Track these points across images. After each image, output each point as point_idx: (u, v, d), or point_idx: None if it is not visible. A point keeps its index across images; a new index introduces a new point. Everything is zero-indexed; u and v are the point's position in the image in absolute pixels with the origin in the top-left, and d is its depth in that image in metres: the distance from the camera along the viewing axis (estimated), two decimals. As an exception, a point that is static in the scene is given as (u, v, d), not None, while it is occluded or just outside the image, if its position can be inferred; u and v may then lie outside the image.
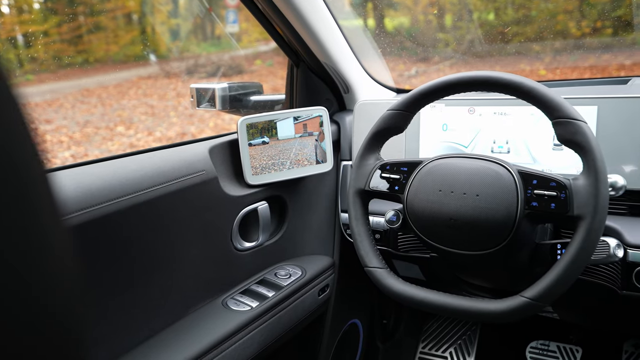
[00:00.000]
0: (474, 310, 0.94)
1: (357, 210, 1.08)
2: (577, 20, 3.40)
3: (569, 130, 0.90)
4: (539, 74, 3.49)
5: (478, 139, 1.23)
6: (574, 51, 3.53)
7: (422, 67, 4.02)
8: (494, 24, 3.60)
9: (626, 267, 1.03)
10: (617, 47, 3.04)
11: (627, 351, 1.56)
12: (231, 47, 5.01)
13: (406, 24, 4.01)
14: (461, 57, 3.68)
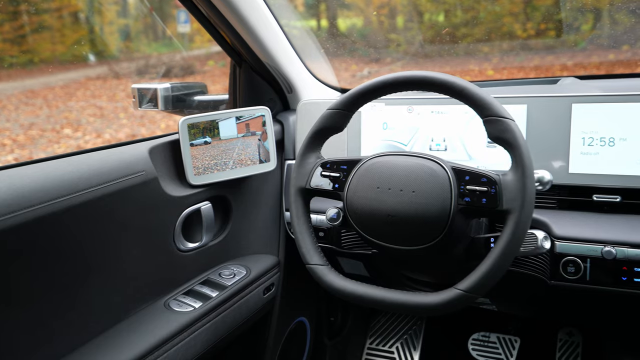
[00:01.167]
0: (411, 303, 0.98)
1: (298, 209, 1.10)
2: (522, 22, 3.54)
3: (498, 128, 0.95)
4: (487, 74, 3.61)
5: (417, 137, 1.28)
6: (520, 52, 3.66)
7: (374, 68, 4.08)
8: (444, 26, 3.70)
9: (554, 258, 1.09)
10: (560, 49, 3.18)
11: (562, 339, 1.65)
12: (183, 47, 4.96)
13: (359, 24, 4.07)
14: (412, 58, 3.76)
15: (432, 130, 1.26)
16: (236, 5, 1.18)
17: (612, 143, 1.11)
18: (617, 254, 1.04)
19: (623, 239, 1.05)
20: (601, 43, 3.20)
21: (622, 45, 2.88)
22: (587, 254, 1.06)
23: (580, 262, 1.07)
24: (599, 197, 1.13)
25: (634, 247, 1.03)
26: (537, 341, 1.68)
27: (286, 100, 1.46)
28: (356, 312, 1.79)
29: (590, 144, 1.13)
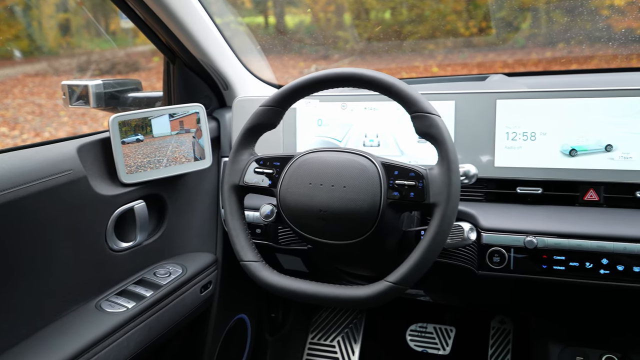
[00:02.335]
0: (343, 297, 1.00)
1: (232, 206, 1.11)
2: (465, 21, 3.63)
3: (424, 124, 0.99)
4: (432, 70, 3.70)
5: (351, 133, 1.31)
6: (464, 49, 3.76)
7: (322, 65, 4.12)
8: (390, 23, 3.76)
9: (481, 249, 1.14)
10: (501, 46, 3.29)
11: (494, 327, 1.73)
12: (127, 43, 4.85)
13: (307, 21, 4.09)
14: (360, 55, 3.81)
15: (366, 126, 1.30)
16: (166, 2, 1.18)
17: (534, 137, 1.18)
18: (538, 244, 1.10)
19: (543, 229, 1.11)
20: (539, 41, 3.33)
21: (558, 43, 3.01)
22: (510, 244, 1.12)
23: (505, 252, 1.12)
24: (522, 189, 1.19)
25: (552, 236, 1.09)
26: (471, 330, 1.75)
27: (222, 97, 1.47)
28: (297, 307, 1.81)
29: (514, 139, 1.19)
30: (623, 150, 1.11)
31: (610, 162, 1.12)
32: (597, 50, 2.44)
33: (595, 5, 2.45)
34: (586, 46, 2.47)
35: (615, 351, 1.30)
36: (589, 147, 1.14)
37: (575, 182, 1.16)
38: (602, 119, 1.12)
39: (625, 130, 1.11)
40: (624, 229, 1.07)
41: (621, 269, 1.05)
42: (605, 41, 2.32)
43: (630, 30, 2.38)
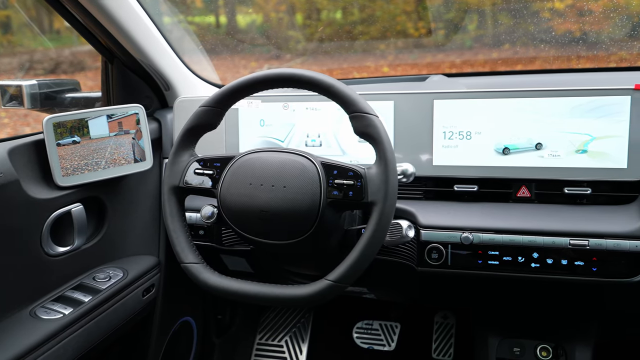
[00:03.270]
0: (284, 296, 1.02)
1: (172, 207, 1.11)
2: (414, 22, 3.70)
3: (362, 123, 1.01)
4: (383, 70, 3.76)
5: (293, 134, 1.32)
6: (414, 50, 3.83)
7: (274, 65, 4.12)
8: (341, 23, 3.79)
9: (420, 246, 1.18)
10: (450, 47, 3.36)
11: (438, 322, 1.78)
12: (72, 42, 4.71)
13: (259, 21, 4.07)
14: (312, 55, 3.83)
15: (308, 126, 1.31)
16: (101, 1, 1.16)
17: (470, 136, 1.22)
18: (473, 240, 1.14)
19: (478, 225, 1.15)
20: (486, 42, 3.42)
21: (504, 44, 3.10)
22: (448, 241, 1.16)
23: (443, 249, 1.16)
24: (459, 187, 1.23)
25: (487, 232, 1.14)
26: (415, 325, 1.80)
27: (164, 97, 1.46)
28: (244, 309, 1.81)
29: (451, 138, 1.23)
30: (552, 149, 1.17)
31: (540, 160, 1.18)
32: (540, 52, 2.52)
33: (538, 8, 2.54)
34: (530, 47, 2.56)
35: (550, 341, 1.36)
36: (521, 146, 1.19)
37: (508, 180, 1.21)
38: (532, 118, 1.18)
39: (554, 129, 1.16)
40: (552, 224, 1.12)
41: (550, 262, 1.11)
42: (547, 43, 2.41)
43: (569, 33, 2.48)
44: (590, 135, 1.14)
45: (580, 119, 1.14)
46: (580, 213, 1.14)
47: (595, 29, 2.40)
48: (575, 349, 1.32)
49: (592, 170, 1.15)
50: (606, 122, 1.13)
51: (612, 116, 1.12)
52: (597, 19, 2.37)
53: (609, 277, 1.08)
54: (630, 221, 1.08)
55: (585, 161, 1.15)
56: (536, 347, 1.37)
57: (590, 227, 1.09)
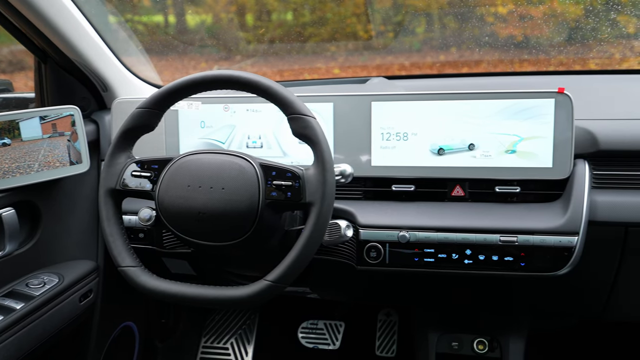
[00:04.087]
0: (223, 298, 1.03)
1: (108, 210, 1.10)
2: (364, 24, 3.76)
3: (300, 125, 1.03)
4: (334, 72, 3.79)
5: (234, 135, 1.33)
6: (364, 52, 3.89)
7: (224, 65, 4.10)
8: (292, 25, 3.81)
9: (359, 245, 1.20)
10: (399, 49, 3.42)
11: (381, 320, 1.83)
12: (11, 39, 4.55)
13: (208, 21, 4.04)
14: (262, 56, 3.83)
15: (248, 128, 1.32)
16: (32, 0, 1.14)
17: (406, 137, 1.26)
18: (410, 238, 1.18)
19: (415, 224, 1.19)
20: (434, 45, 3.50)
21: (450, 47, 3.17)
22: (386, 239, 1.19)
23: (381, 247, 1.19)
24: (397, 187, 1.27)
25: (423, 230, 1.18)
26: (359, 324, 1.84)
27: (102, 98, 1.43)
28: (189, 312, 1.81)
29: (388, 139, 1.26)
30: (484, 149, 1.22)
31: (472, 160, 1.22)
32: (485, 55, 2.60)
33: (482, 13, 2.62)
34: (475, 50, 2.63)
35: (486, 335, 1.41)
36: (455, 147, 1.23)
37: (443, 179, 1.25)
38: (465, 120, 1.22)
39: (485, 131, 1.21)
40: (484, 221, 1.17)
41: (482, 258, 1.15)
42: (491, 46, 2.49)
43: (512, 37, 2.57)
44: (518, 136, 1.20)
45: (509, 120, 1.20)
46: (510, 211, 1.20)
47: (536, 33, 2.49)
48: (509, 341, 1.38)
49: (521, 170, 1.20)
50: (533, 123, 1.19)
51: (538, 118, 1.18)
52: (537, 25, 2.47)
53: (536, 271, 1.14)
54: (554, 218, 1.14)
55: (515, 161, 1.20)
56: (473, 340, 1.42)
57: (519, 224, 1.15)
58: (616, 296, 1.25)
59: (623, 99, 1.35)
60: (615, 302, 1.26)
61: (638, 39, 2.10)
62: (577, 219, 1.12)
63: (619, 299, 1.25)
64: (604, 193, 1.18)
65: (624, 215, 1.15)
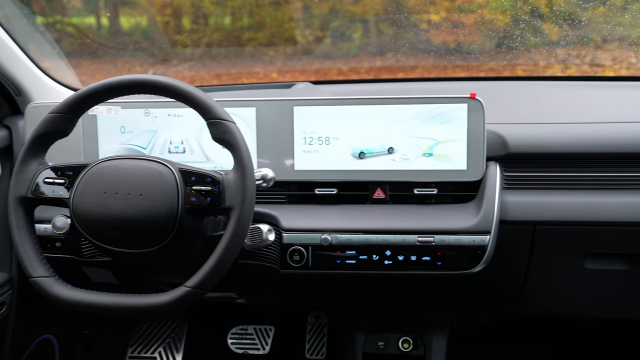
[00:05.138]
0: (141, 305, 1.02)
1: (19, 219, 1.07)
2: (302, 29, 3.79)
3: (220, 130, 1.04)
4: (272, 77, 3.80)
5: (155, 140, 1.32)
6: (302, 57, 3.91)
7: (160, 70, 4.02)
8: (230, 29, 3.80)
9: (283, 249, 1.22)
10: (336, 54, 3.46)
11: (311, 322, 1.85)
12: None
13: (143, 24, 3.97)
14: (200, 60, 3.80)
15: (170, 133, 1.32)
16: None
17: (328, 142, 1.28)
18: (332, 240, 1.20)
19: (337, 226, 1.22)
20: (370, 50, 3.56)
21: (387, 52, 3.24)
22: (308, 243, 1.21)
23: (304, 250, 1.21)
24: (320, 190, 1.29)
25: (344, 232, 1.20)
26: (289, 327, 1.85)
27: (15, 103, 1.39)
28: (113, 322, 1.77)
29: (311, 143, 1.29)
30: (402, 152, 1.26)
31: (392, 163, 1.26)
32: (420, 60, 2.67)
33: (417, 20, 2.69)
34: (410, 56, 2.70)
35: (410, 333, 1.46)
36: (375, 150, 1.27)
37: (365, 182, 1.29)
38: (385, 124, 1.26)
39: (403, 134, 1.26)
40: (403, 223, 1.21)
41: (401, 258, 1.19)
42: (426, 52, 2.56)
43: (445, 43, 2.65)
44: (434, 139, 1.25)
45: (426, 124, 1.25)
46: (428, 212, 1.24)
47: (468, 40, 2.58)
48: (432, 338, 1.43)
49: (438, 172, 1.25)
50: (448, 127, 1.24)
51: (452, 122, 1.23)
52: (469, 32, 2.56)
53: (452, 269, 1.18)
54: (468, 218, 1.20)
55: (431, 164, 1.25)
56: (399, 339, 1.46)
57: (435, 225, 1.19)
58: (527, 292, 1.32)
59: (532, 104, 1.42)
60: (527, 297, 1.33)
61: (561, 47, 2.22)
62: (489, 218, 1.18)
63: (530, 294, 1.32)
64: (514, 193, 1.24)
65: (532, 214, 1.21)
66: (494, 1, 2.51)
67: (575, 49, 2.19)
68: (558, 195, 1.23)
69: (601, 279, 1.29)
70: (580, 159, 1.24)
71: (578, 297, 1.34)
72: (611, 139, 1.24)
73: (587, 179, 1.24)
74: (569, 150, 1.24)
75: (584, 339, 1.76)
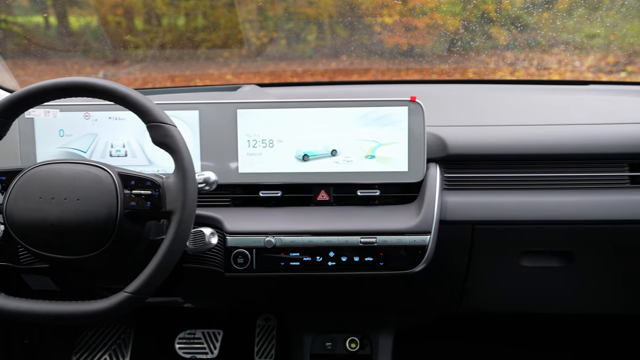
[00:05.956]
0: (78, 313, 1.00)
1: None
2: (256, 30, 3.78)
3: (160, 133, 1.03)
4: (226, 78, 3.78)
5: (96, 144, 1.30)
6: (257, 58, 3.90)
7: (111, 71, 3.95)
8: (183, 30, 3.76)
9: (227, 252, 1.22)
10: (291, 56, 3.47)
11: (260, 325, 1.86)
12: None
13: (93, 24, 3.88)
14: (152, 61, 3.74)
15: (112, 136, 1.30)
16: None
17: (272, 144, 1.29)
18: (276, 243, 1.21)
19: (281, 229, 1.23)
20: (325, 52, 3.58)
21: (341, 55, 3.26)
22: (253, 245, 1.21)
23: (248, 253, 1.21)
24: (265, 193, 1.30)
25: (288, 235, 1.22)
26: (238, 331, 1.85)
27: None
28: (56, 330, 1.73)
29: (255, 146, 1.29)
30: (345, 155, 1.28)
31: (335, 165, 1.28)
32: (373, 63, 2.70)
33: (370, 22, 2.72)
34: (364, 59, 2.73)
35: (357, 333, 1.48)
36: (319, 153, 1.28)
37: (309, 185, 1.30)
38: (328, 126, 1.28)
39: (346, 137, 1.28)
40: (346, 224, 1.23)
41: (344, 259, 1.21)
42: (379, 55, 2.60)
43: (398, 46, 2.69)
44: (377, 141, 1.27)
45: (368, 127, 1.27)
46: (371, 213, 1.26)
47: (420, 43, 2.63)
48: (378, 338, 1.45)
49: (380, 174, 1.28)
50: (390, 130, 1.26)
51: (394, 125, 1.26)
52: (422, 35, 2.61)
53: (394, 269, 1.21)
54: (410, 218, 1.22)
55: (374, 165, 1.28)
56: (346, 339, 1.48)
57: (377, 226, 1.22)
58: (468, 290, 1.36)
59: (475, 107, 1.47)
60: (468, 295, 1.37)
61: (509, 50, 2.29)
62: (429, 219, 1.21)
63: (471, 293, 1.36)
64: (454, 194, 1.28)
65: (471, 214, 1.25)
66: (445, 5, 2.56)
67: (523, 52, 2.27)
68: (496, 196, 1.27)
69: (537, 276, 1.34)
70: (518, 160, 1.29)
71: (516, 294, 1.39)
72: (547, 141, 1.29)
73: (524, 179, 1.28)
74: (506, 152, 1.28)
75: (527, 333, 1.83)
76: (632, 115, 1.35)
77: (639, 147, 1.26)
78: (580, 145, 1.27)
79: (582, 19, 2.14)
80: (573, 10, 2.16)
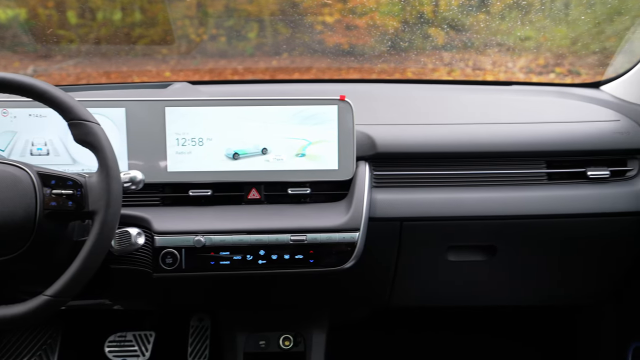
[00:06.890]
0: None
1: None
2: (196, 27, 3.73)
3: (82, 131, 1.01)
4: (165, 75, 3.71)
5: (15, 142, 1.26)
6: (197, 55, 3.84)
7: (42, 66, 3.80)
8: (119, 25, 3.65)
9: (155, 252, 1.21)
10: (232, 54, 3.44)
11: (193, 325, 1.85)
12: None
13: (23, 16, 3.72)
14: (87, 56, 3.62)
15: (32, 134, 1.26)
16: None
17: (202, 143, 1.28)
18: (205, 242, 1.21)
19: (210, 228, 1.22)
20: (266, 50, 3.57)
21: (282, 53, 3.26)
22: (182, 245, 1.21)
23: (177, 253, 1.20)
24: (194, 191, 1.29)
25: (218, 234, 1.21)
26: (171, 332, 1.84)
27: None
28: None
29: (184, 144, 1.28)
30: (276, 153, 1.29)
31: (266, 163, 1.29)
32: (314, 62, 2.71)
33: (311, 21, 2.74)
34: (306, 57, 2.74)
35: (291, 331, 1.49)
36: (249, 151, 1.29)
37: (240, 183, 1.30)
38: (258, 125, 1.28)
39: (277, 135, 1.29)
40: (276, 222, 1.24)
41: (275, 257, 1.22)
42: (320, 53, 2.61)
43: (339, 45, 2.72)
44: (307, 140, 1.29)
45: (299, 125, 1.28)
46: (301, 211, 1.28)
47: (360, 42, 2.66)
48: (312, 334, 1.47)
49: (310, 172, 1.29)
50: (320, 128, 1.28)
51: (324, 123, 1.28)
52: (362, 34, 2.64)
53: (324, 266, 1.23)
54: (339, 216, 1.25)
55: (304, 164, 1.29)
56: (279, 337, 1.49)
57: (308, 224, 1.23)
58: (397, 285, 1.40)
59: (405, 106, 1.51)
60: (397, 290, 1.41)
61: (446, 50, 2.35)
62: (358, 216, 1.24)
63: (400, 287, 1.41)
64: (383, 191, 1.31)
65: (398, 211, 1.29)
66: (384, 5, 2.61)
67: (460, 53, 2.34)
68: (423, 193, 1.32)
69: (463, 270, 1.39)
70: (442, 158, 1.33)
71: (444, 287, 1.44)
72: (471, 140, 1.34)
73: (449, 177, 1.33)
74: (432, 150, 1.33)
75: (455, 321, 1.90)
76: (549, 115, 1.42)
77: (555, 145, 1.33)
78: (496, 144, 1.33)
79: (515, 21, 2.23)
80: (506, 14, 2.25)
